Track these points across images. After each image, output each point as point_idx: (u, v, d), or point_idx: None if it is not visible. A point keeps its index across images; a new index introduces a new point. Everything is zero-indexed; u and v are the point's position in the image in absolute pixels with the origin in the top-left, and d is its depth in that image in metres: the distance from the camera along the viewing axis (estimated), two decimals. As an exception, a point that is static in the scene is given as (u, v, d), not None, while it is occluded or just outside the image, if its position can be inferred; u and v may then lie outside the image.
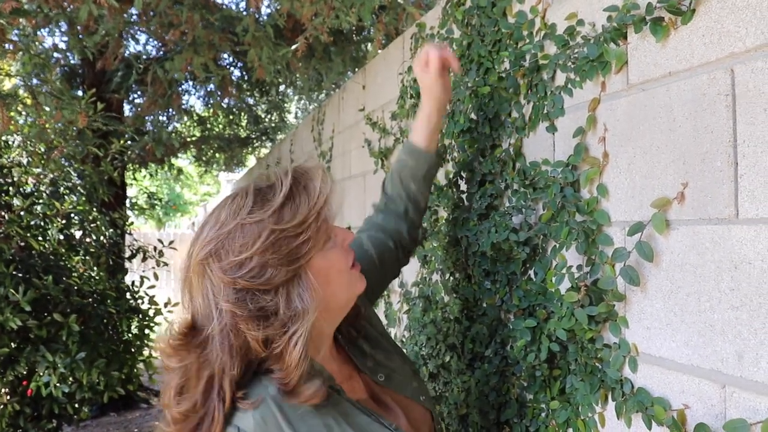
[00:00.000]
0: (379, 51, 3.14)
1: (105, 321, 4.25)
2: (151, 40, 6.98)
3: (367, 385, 1.28)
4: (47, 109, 4.47)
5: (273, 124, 10.23)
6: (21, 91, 5.48)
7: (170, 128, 8.20)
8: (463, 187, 1.88)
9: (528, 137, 1.58)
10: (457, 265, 1.89)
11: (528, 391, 1.52)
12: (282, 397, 1.07)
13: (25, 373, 3.82)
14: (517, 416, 1.56)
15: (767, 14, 0.94)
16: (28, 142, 4.52)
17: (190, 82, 7.58)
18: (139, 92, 7.93)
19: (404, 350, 1.81)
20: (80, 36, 4.65)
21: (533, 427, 1.49)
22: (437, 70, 1.55)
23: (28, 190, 4.37)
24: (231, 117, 9.58)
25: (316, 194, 1.11)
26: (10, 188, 4.19)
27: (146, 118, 7.47)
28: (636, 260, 1.17)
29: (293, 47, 3.48)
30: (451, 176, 1.97)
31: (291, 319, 1.06)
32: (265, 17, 5.20)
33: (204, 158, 10.50)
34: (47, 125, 4.48)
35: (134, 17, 5.19)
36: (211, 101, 7.97)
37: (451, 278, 1.93)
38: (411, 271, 2.37)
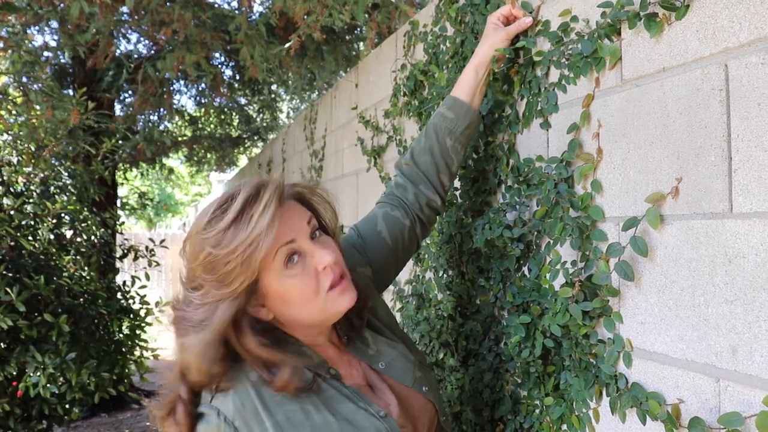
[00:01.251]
0: (372, 50, 3.14)
1: (96, 321, 4.23)
2: (142, 39, 6.95)
3: (366, 372, 1.29)
4: (38, 108, 4.44)
5: (265, 124, 10.21)
6: (11, 90, 5.44)
7: (161, 128, 8.17)
8: (457, 183, 1.88)
9: (522, 134, 1.58)
10: (450, 262, 1.89)
11: (522, 387, 1.52)
12: (261, 383, 1.11)
13: (15, 373, 3.79)
14: (511, 413, 1.56)
15: (761, 9, 0.94)
16: (19, 141, 4.49)
17: (182, 82, 7.56)
18: (130, 92, 7.90)
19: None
20: (71, 34, 4.62)
21: (527, 424, 1.49)
22: (510, 34, 1.51)
23: (19, 189, 4.34)
24: (222, 117, 9.56)
25: (251, 228, 1.09)
26: (0, 188, 4.16)
27: (138, 117, 7.44)
28: (630, 255, 1.17)
29: (286, 45, 3.47)
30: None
31: (194, 329, 1.13)
32: (258, 15, 5.19)
33: (195, 158, 10.47)
34: (38, 124, 4.45)
35: (125, 16, 5.16)
36: (203, 101, 7.94)
37: (445, 275, 1.93)
38: (404, 269, 2.37)
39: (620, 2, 1.19)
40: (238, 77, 7.67)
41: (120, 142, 7.12)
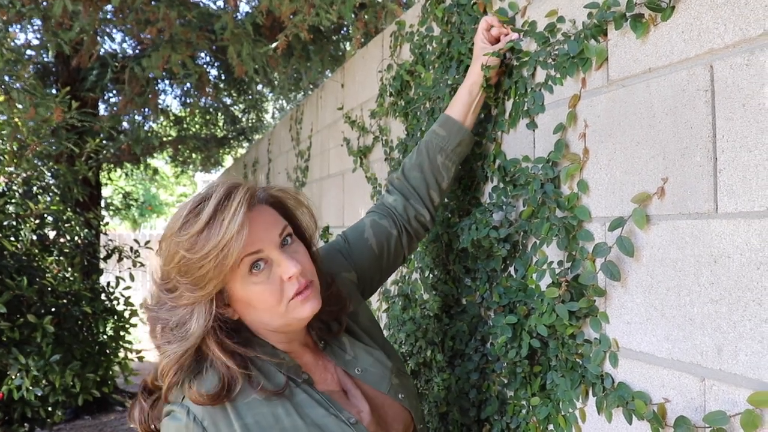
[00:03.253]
0: (358, 50, 3.13)
1: (80, 322, 4.19)
2: (127, 38, 6.90)
3: (342, 377, 1.29)
4: (20, 106, 4.40)
5: (250, 124, 10.17)
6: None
7: (146, 128, 8.12)
8: (444, 184, 1.88)
9: (508, 134, 1.58)
10: (437, 262, 1.88)
11: (508, 387, 1.52)
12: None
13: (-3, 376, 3.75)
14: (497, 413, 1.56)
15: (745, 11, 0.95)
16: (0, 140, 4.44)
17: (167, 82, 7.51)
18: (114, 91, 7.84)
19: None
20: (54, 32, 4.57)
21: (514, 424, 1.50)
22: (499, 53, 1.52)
23: (0, 189, 4.29)
24: (208, 117, 9.51)
25: (222, 232, 1.09)
26: (-19, 188, 4.11)
27: (122, 117, 7.38)
28: (617, 255, 1.18)
29: (273, 45, 3.46)
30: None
31: (180, 331, 1.13)
32: (244, 15, 5.17)
33: (180, 158, 10.41)
34: (20, 122, 4.40)
35: (110, 15, 5.12)
36: (188, 101, 7.90)
37: (431, 276, 1.93)
38: (391, 269, 2.37)
39: (606, 3, 1.20)
40: (223, 77, 7.64)
41: (104, 141, 7.07)
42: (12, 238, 4.12)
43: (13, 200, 4.25)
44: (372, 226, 1.54)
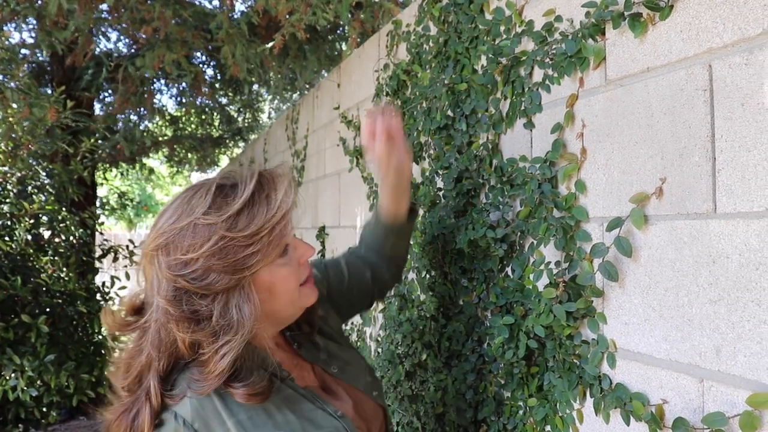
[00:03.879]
0: (355, 49, 3.12)
1: (75, 322, 4.17)
2: (122, 38, 6.88)
3: (319, 376, 1.28)
4: (15, 106, 4.38)
5: (246, 124, 10.16)
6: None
7: (142, 127, 8.10)
8: (440, 184, 1.87)
9: (505, 134, 1.57)
10: (433, 263, 1.88)
11: (505, 388, 1.51)
12: (220, 386, 1.07)
13: (-9, 377, 3.73)
14: (494, 414, 1.56)
15: (744, 10, 0.94)
16: (-5, 140, 4.42)
17: (162, 81, 7.49)
18: (109, 91, 7.82)
19: (380, 349, 1.80)
20: (49, 31, 4.55)
21: (511, 425, 1.49)
22: (385, 142, 1.46)
23: (-5, 189, 4.28)
24: (203, 117, 9.50)
25: (276, 207, 1.08)
26: (-25, 187, 4.10)
27: (117, 117, 7.36)
28: (614, 256, 1.17)
29: (269, 45, 3.45)
30: (427, 173, 1.96)
31: (223, 329, 1.05)
32: (240, 14, 5.16)
33: (176, 158, 10.39)
34: (14, 122, 4.38)
35: (105, 14, 5.10)
36: (184, 100, 7.88)
37: (428, 276, 1.92)
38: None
39: (604, 2, 1.19)
40: (219, 77, 7.63)
41: (99, 141, 7.04)
42: (6, 238, 4.11)
43: (7, 200, 4.23)
44: (346, 258, 1.58)
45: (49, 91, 6.97)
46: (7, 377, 3.66)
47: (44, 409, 4.10)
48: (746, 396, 0.90)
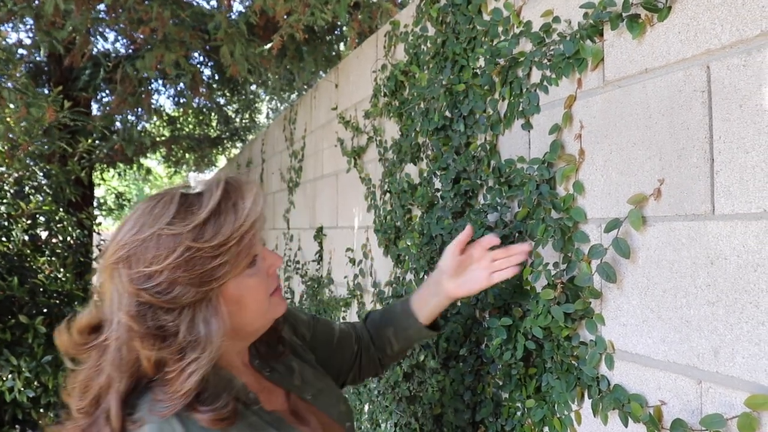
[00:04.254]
0: (353, 50, 3.12)
1: (72, 323, 4.16)
2: (119, 38, 6.87)
3: (292, 401, 1.22)
4: (12, 106, 4.37)
5: (244, 124, 10.15)
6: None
7: (139, 128, 8.09)
8: (438, 185, 1.87)
9: (503, 135, 1.57)
10: (431, 263, 1.87)
11: (503, 389, 1.51)
12: (183, 409, 0.99)
13: (-12, 378, 3.73)
14: (492, 415, 1.56)
15: (742, 11, 0.94)
16: (-8, 140, 4.41)
17: (160, 81, 7.48)
18: (107, 91, 7.81)
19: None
20: (46, 31, 4.54)
21: (509, 426, 1.49)
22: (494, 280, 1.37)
23: (-8, 189, 4.27)
24: (201, 117, 9.49)
25: (244, 215, 1.03)
26: (-28, 188, 4.09)
27: (115, 117, 7.35)
28: (612, 257, 1.17)
29: (268, 45, 3.44)
30: (425, 174, 1.96)
31: (190, 345, 0.99)
32: (238, 15, 5.16)
33: (173, 158, 10.38)
34: (12, 122, 4.37)
35: (102, 14, 5.09)
36: (182, 101, 7.87)
37: (425, 277, 1.92)
38: (384, 270, 2.36)
39: (603, 3, 1.19)
40: (217, 77, 7.62)
41: (97, 142, 7.03)
42: (3, 239, 4.10)
43: (4, 200, 4.22)
44: (340, 326, 1.50)
45: (47, 92, 6.96)
46: (4, 378, 3.65)
47: (41, 410, 4.09)
48: (744, 397, 0.90)
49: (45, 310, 3.97)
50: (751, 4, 0.92)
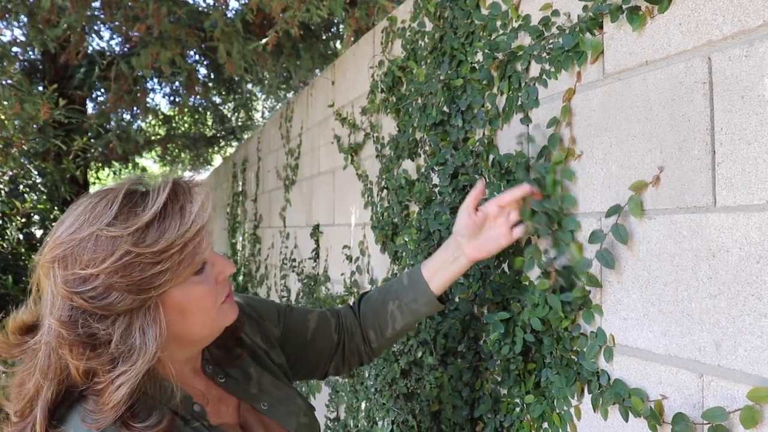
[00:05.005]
0: (350, 46, 3.11)
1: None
2: (114, 36, 6.85)
3: (245, 413, 1.17)
4: (5, 103, 4.35)
5: (239, 123, 10.14)
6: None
7: (135, 126, 8.07)
8: (436, 180, 1.86)
9: (501, 129, 1.57)
10: (429, 260, 1.86)
11: (502, 385, 1.50)
12: (113, 424, 0.94)
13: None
14: (491, 411, 1.55)
15: (744, 2, 0.93)
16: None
17: (156, 80, 7.46)
18: (102, 89, 7.79)
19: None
20: (41, 28, 4.52)
21: (507, 423, 1.48)
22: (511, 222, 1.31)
23: (-14, 187, 4.25)
24: (197, 116, 9.48)
25: (190, 221, 0.97)
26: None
27: (111, 116, 7.33)
28: (611, 243, 1.17)
29: (264, 41, 3.43)
30: (423, 170, 1.95)
31: (122, 356, 0.93)
32: (234, 12, 5.14)
33: (169, 157, 10.36)
34: (5, 120, 4.35)
35: (98, 12, 5.07)
36: (177, 99, 7.85)
37: (424, 273, 1.91)
38: (381, 267, 2.35)
39: (602, -5, 1.18)
40: (212, 76, 7.60)
41: (92, 140, 7.01)
42: (-2, 237, 4.08)
43: (-1, 198, 4.20)
44: (319, 317, 1.43)
45: (41, 89, 6.93)
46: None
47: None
48: (747, 390, 0.90)
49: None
50: (754, -6, 0.92)
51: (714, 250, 0.98)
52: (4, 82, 4.13)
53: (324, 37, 5.77)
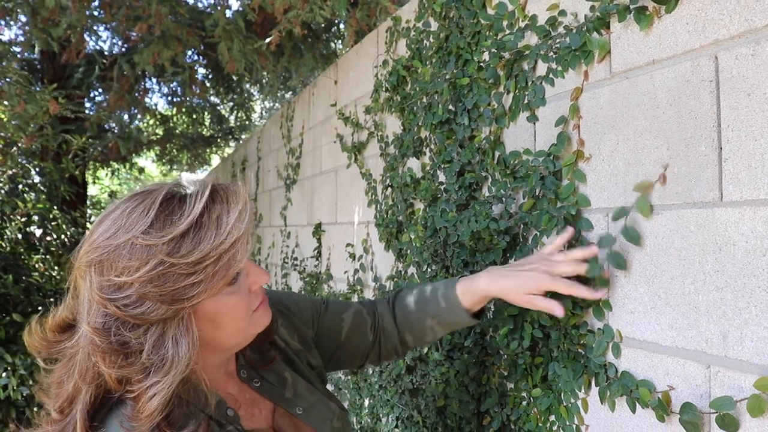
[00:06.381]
0: (352, 47, 3.13)
1: (67, 320, 4.16)
2: (113, 36, 6.85)
3: (280, 417, 1.17)
4: (6, 103, 4.36)
5: (238, 123, 10.15)
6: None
7: (133, 126, 8.07)
8: (442, 178, 1.89)
9: (508, 127, 1.59)
10: (434, 257, 1.89)
11: (509, 379, 1.52)
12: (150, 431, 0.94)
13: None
14: (497, 405, 1.57)
15: (750, 1, 0.96)
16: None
17: (154, 80, 7.47)
18: (100, 89, 7.79)
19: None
20: (42, 28, 4.53)
21: (514, 416, 1.50)
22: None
23: (-14, 187, 4.26)
24: (194, 116, 9.48)
25: (225, 232, 0.95)
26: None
27: (111, 115, 7.34)
28: (620, 244, 1.19)
29: (267, 40, 3.45)
30: (428, 168, 1.97)
31: (155, 366, 0.93)
32: (234, 12, 5.16)
33: (167, 157, 10.36)
34: (6, 119, 4.36)
35: (99, 11, 5.08)
36: (175, 99, 7.86)
37: (429, 270, 1.93)
38: (386, 265, 2.37)
39: (610, -5, 1.21)
40: (211, 75, 7.61)
41: (91, 140, 7.02)
42: (-1, 236, 4.09)
43: (-1, 198, 4.21)
44: (354, 314, 1.42)
45: (41, 89, 6.93)
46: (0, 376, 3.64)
47: (35, 409, 4.08)
48: (753, 380, 0.92)
49: (40, 309, 3.96)
50: (760, -5, 0.94)
51: (720, 243, 1.00)
52: (7, 80, 4.14)
53: (325, 37, 5.79)
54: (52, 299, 4.15)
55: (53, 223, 4.73)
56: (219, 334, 1.04)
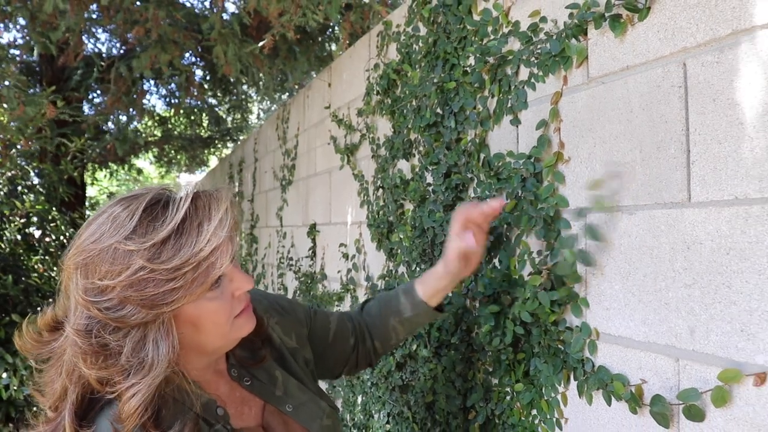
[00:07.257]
0: (345, 50, 3.17)
1: (66, 321, 4.19)
2: (111, 39, 6.89)
3: (269, 415, 1.19)
4: (6, 106, 4.40)
5: (235, 124, 10.19)
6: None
7: (131, 128, 8.11)
8: (430, 179, 1.93)
9: (492, 130, 1.63)
10: (423, 256, 1.93)
11: (493, 375, 1.57)
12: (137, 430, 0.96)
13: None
14: (482, 400, 1.61)
15: (716, 12, 1.00)
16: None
17: (152, 82, 7.51)
18: (98, 91, 7.83)
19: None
20: (40, 31, 4.57)
21: (498, 410, 1.55)
22: (478, 240, 1.36)
23: (-15, 188, 4.29)
24: (192, 117, 9.52)
25: (205, 240, 0.97)
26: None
27: (109, 117, 7.38)
28: (589, 243, 1.24)
29: (260, 43, 3.49)
30: (417, 170, 2.02)
31: (134, 367, 0.95)
32: (231, 15, 5.20)
33: (165, 158, 10.40)
34: (5, 122, 4.40)
35: (98, 15, 5.12)
36: (173, 101, 7.90)
37: (418, 269, 1.98)
38: (377, 264, 2.41)
39: (586, 3, 1.25)
40: (208, 78, 7.65)
41: (89, 141, 7.05)
42: (-3, 237, 4.13)
43: (-2, 199, 4.25)
44: (338, 319, 1.49)
45: (39, 91, 6.97)
46: (0, 376, 3.68)
47: (35, 409, 4.12)
48: (717, 372, 0.96)
49: (39, 309, 4.00)
50: (724, 5, 0.99)
51: (689, 242, 1.05)
52: (6, 83, 4.18)
53: (320, 40, 5.84)
54: (51, 300, 4.19)
55: (52, 225, 4.77)
56: (201, 338, 1.06)
